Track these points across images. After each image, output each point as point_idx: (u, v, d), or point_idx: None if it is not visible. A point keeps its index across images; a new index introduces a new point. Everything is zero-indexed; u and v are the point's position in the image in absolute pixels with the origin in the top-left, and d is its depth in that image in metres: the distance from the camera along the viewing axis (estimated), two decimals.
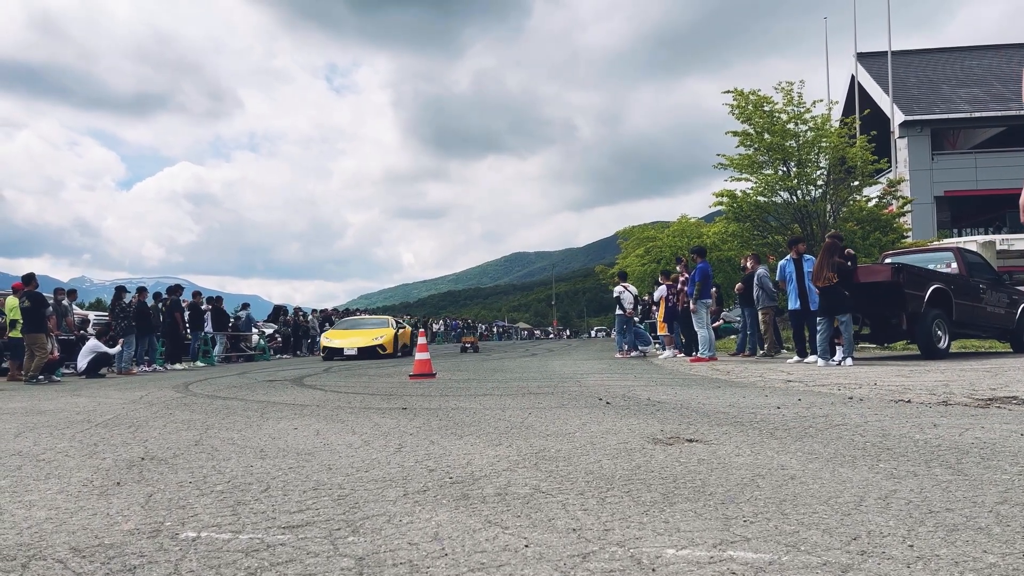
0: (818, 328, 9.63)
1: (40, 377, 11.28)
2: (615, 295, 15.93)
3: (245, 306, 22.05)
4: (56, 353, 12.49)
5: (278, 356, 21.41)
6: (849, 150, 18.40)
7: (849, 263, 9.77)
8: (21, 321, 11.42)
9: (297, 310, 25.45)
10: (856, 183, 18.91)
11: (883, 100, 30.06)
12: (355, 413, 5.36)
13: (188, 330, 16.59)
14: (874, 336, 11.34)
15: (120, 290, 14.38)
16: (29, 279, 11.81)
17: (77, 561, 1.93)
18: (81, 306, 21.94)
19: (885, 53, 30.19)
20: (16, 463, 3.50)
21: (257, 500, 2.57)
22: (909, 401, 5.19)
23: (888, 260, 11.94)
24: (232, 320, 20.46)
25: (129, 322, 13.63)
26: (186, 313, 16.44)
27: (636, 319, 16.99)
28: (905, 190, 25.35)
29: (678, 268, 14.35)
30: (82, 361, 12.57)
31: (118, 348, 12.96)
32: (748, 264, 13.03)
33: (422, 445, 3.71)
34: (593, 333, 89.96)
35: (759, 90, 18.48)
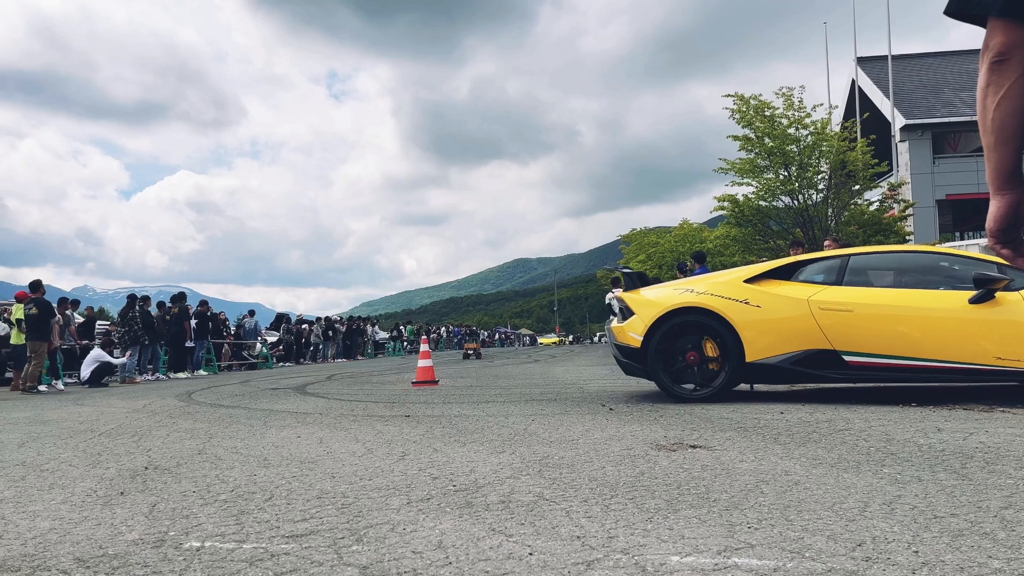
0: None
1: (30, 385, 11.22)
2: (606, 302, 15.92)
3: (251, 313, 22.03)
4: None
5: (280, 364, 21.45)
6: (850, 154, 18.43)
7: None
8: (25, 325, 11.39)
9: (300, 319, 25.48)
10: (857, 187, 18.93)
11: (884, 104, 30.05)
12: (358, 421, 5.35)
13: (192, 339, 16.60)
14: None
15: (132, 298, 14.39)
16: (36, 286, 11.79)
17: (81, 572, 1.93)
18: (82, 315, 21.92)
19: (885, 57, 30.19)
20: (20, 473, 3.50)
21: (261, 509, 2.57)
22: (913, 405, 5.18)
23: None
24: (235, 327, 20.50)
25: (140, 332, 13.63)
26: (193, 322, 16.45)
27: None
28: (906, 194, 25.33)
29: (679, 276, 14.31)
30: (85, 370, 12.58)
31: (124, 360, 12.94)
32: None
33: (425, 453, 3.71)
34: (596, 338, 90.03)
35: (760, 95, 18.52)
